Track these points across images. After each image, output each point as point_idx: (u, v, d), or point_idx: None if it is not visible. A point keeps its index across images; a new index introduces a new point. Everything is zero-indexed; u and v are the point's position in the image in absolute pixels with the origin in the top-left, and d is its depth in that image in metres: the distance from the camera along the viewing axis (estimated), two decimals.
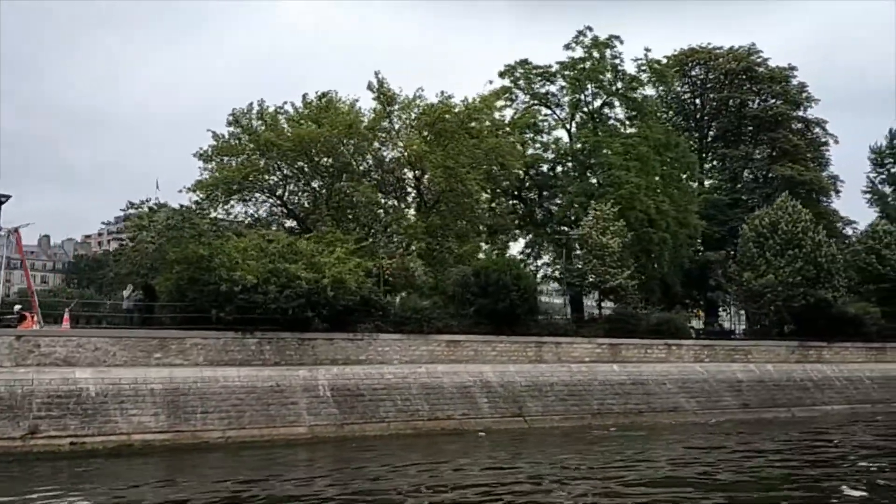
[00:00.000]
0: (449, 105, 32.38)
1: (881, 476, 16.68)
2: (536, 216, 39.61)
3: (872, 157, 62.12)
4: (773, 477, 16.79)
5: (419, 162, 32.12)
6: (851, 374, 33.32)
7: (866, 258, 38.99)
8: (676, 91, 54.44)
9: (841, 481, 15.63)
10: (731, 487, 15.07)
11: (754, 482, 16.01)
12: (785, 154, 49.85)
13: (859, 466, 18.15)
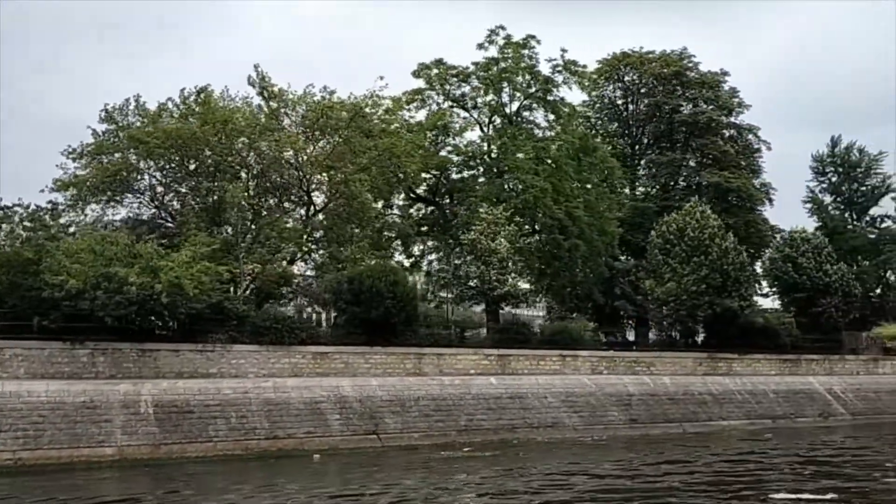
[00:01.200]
0: (333, 102, 30.37)
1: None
2: (443, 221, 37.63)
3: (814, 166, 60.80)
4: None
5: (300, 162, 30.14)
6: (756, 387, 31.51)
7: (782, 266, 37.29)
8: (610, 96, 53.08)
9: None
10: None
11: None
12: (715, 161, 48.29)
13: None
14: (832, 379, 33.95)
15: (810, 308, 36.90)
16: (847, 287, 36.88)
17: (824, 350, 37.15)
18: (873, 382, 34.87)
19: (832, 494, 14.38)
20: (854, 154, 59.04)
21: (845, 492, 14.81)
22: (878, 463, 19.48)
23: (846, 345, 38.80)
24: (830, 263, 37.22)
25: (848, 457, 20.79)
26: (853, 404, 32.61)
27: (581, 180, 40.65)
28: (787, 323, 35.66)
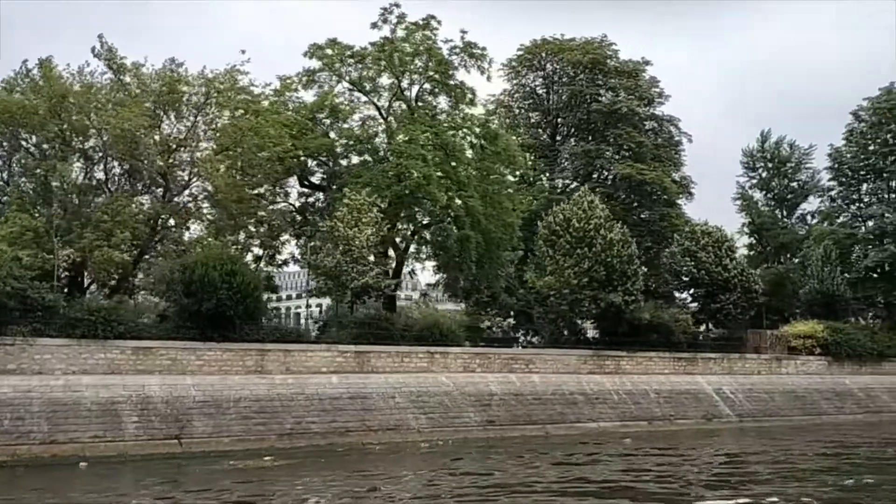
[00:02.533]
0: (180, 75, 27.90)
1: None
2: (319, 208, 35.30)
3: (744, 161, 59.13)
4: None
5: (151, 142, 27.68)
6: (636, 387, 29.47)
7: (681, 261, 35.32)
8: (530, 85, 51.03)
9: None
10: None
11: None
12: (632, 153, 46.40)
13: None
14: (724, 379, 31.99)
15: (710, 304, 35.01)
16: (747, 283, 34.94)
17: (726, 348, 35.30)
18: (769, 383, 32.97)
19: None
20: (784, 149, 57.40)
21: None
22: (683, 479, 17.30)
23: (750, 343, 36.97)
24: (730, 258, 35.28)
25: (667, 468, 18.55)
26: (742, 406, 30.70)
27: (481, 169, 38.54)
28: (681, 320, 33.63)
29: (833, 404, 32.98)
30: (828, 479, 16.76)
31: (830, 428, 30.09)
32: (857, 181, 43.34)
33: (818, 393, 33.23)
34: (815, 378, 34.54)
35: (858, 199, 43.70)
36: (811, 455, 22.38)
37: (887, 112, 41.23)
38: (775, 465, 19.31)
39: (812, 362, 36.71)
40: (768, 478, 17.06)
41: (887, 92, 41.92)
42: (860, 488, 15.58)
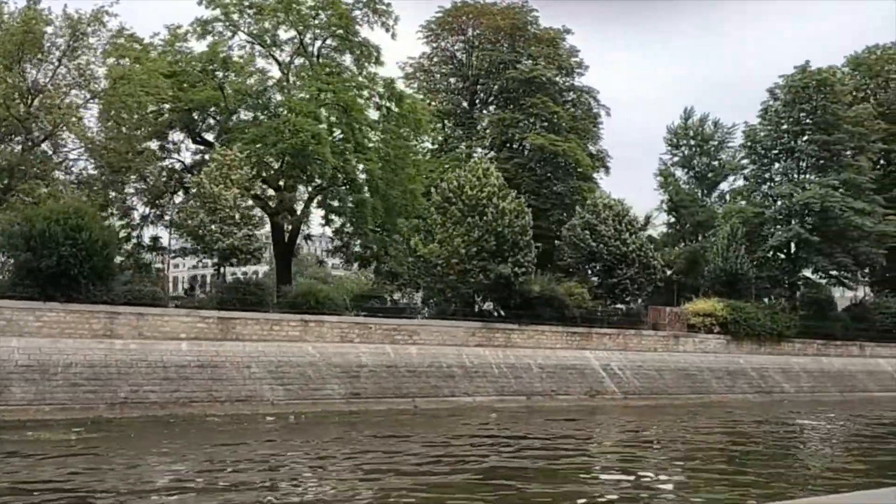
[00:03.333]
0: (38, 14, 25.56)
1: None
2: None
3: (667, 138, 58.51)
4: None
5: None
6: (520, 360, 28.40)
7: (581, 234, 34.27)
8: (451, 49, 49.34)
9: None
10: None
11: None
12: (548, 123, 45.16)
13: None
14: (613, 355, 31.15)
15: (607, 279, 34.13)
16: (646, 258, 34.10)
17: (624, 324, 34.51)
18: (661, 360, 32.25)
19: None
20: (708, 127, 56.95)
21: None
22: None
23: (650, 320, 36.26)
24: (630, 232, 34.35)
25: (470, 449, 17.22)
26: (629, 383, 29.90)
27: (385, 132, 36.94)
28: (576, 294, 32.64)
29: (724, 383, 32.46)
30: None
31: (716, 407, 29.54)
32: (769, 160, 42.76)
33: (710, 372, 32.65)
34: (709, 357, 33.97)
35: (770, 178, 43.16)
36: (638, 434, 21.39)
37: (801, 90, 40.61)
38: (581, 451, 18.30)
39: (710, 340, 36.19)
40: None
41: (802, 70, 41.30)
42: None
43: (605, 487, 13.42)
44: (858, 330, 42.04)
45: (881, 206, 40.90)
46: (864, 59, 49.16)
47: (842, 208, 38.64)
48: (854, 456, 18.43)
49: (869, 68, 48.45)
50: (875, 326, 42.51)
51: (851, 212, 38.67)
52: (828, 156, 41.38)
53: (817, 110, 40.83)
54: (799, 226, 39.04)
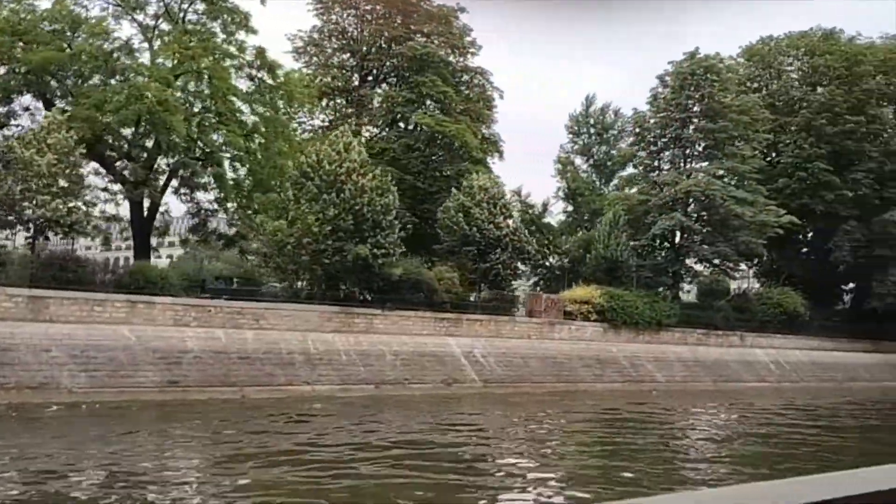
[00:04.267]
0: None
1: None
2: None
3: (568, 126, 57.71)
4: None
5: None
6: (373, 347, 26.64)
7: (454, 217, 32.69)
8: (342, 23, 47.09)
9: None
10: None
11: None
12: (440, 103, 43.47)
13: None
14: (478, 342, 29.69)
15: (480, 263, 32.66)
16: (519, 243, 32.76)
17: (498, 311, 33.13)
18: (530, 348, 30.95)
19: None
20: (609, 116, 56.30)
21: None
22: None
23: (527, 306, 35.03)
24: (505, 216, 32.95)
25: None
26: (491, 371, 28.48)
27: (253, 102, 34.67)
28: (446, 278, 31.06)
29: (592, 372, 31.40)
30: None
31: (581, 396, 28.44)
32: (658, 148, 41.99)
33: (580, 360, 31.54)
34: (581, 344, 32.90)
35: (659, 166, 42.43)
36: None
37: (688, 76, 39.87)
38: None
39: (587, 328, 35.18)
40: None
41: (691, 56, 40.58)
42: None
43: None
44: (740, 320, 41.79)
45: (764, 195, 40.55)
46: (758, 49, 49.02)
47: (723, 197, 38.09)
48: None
49: (762, 59, 48.32)
50: (756, 317, 42.36)
51: (733, 201, 38.16)
52: (713, 144, 40.85)
53: (705, 98, 40.19)
54: (681, 214, 38.34)
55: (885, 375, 43.55)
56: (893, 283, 42.99)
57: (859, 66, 44.75)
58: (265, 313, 26.48)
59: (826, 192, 43.74)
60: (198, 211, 32.89)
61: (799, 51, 47.77)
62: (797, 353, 41.28)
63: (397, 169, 40.76)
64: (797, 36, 48.17)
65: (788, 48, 48.31)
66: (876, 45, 48.17)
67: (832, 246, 44.29)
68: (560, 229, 52.78)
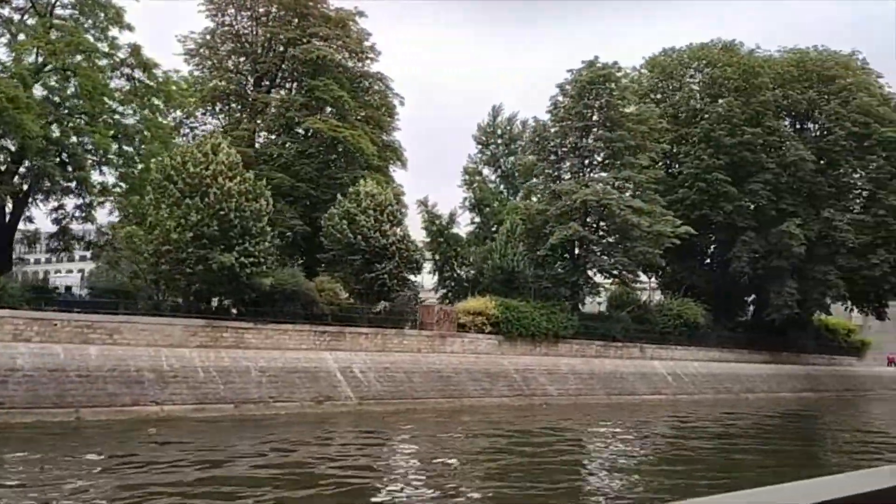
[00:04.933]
0: None
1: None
2: None
3: (476, 136, 56.97)
4: None
5: None
6: (237, 363, 24.81)
7: (338, 224, 31.16)
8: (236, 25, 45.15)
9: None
10: None
11: None
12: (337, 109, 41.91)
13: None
14: (357, 357, 28.16)
15: (365, 273, 31.16)
16: (407, 251, 31.42)
17: (386, 324, 31.68)
18: (415, 362, 29.56)
19: None
20: (517, 126, 55.72)
21: None
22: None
23: (419, 319, 33.67)
24: (393, 224, 31.58)
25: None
26: (369, 387, 26.96)
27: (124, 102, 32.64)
28: (327, 290, 29.48)
29: (481, 386, 30.20)
30: None
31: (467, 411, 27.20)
32: (558, 158, 41.35)
33: (468, 374, 30.31)
34: (470, 357, 31.71)
35: (560, 176, 41.75)
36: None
37: (586, 85, 39.35)
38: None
39: (481, 341, 34.07)
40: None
41: (589, 65, 40.08)
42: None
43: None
44: (640, 332, 41.38)
45: (662, 205, 40.26)
46: (660, 61, 49.12)
47: (620, 207, 37.57)
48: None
49: (663, 70, 48.40)
50: (657, 329, 42.03)
51: (629, 211, 37.67)
52: (613, 154, 40.41)
53: (603, 107, 39.75)
54: (579, 224, 37.64)
55: (782, 387, 43.76)
56: (790, 294, 43.20)
57: (756, 78, 45.12)
58: (120, 327, 24.44)
59: (725, 203, 43.82)
60: (63, 217, 30.50)
61: (700, 62, 48.00)
62: (695, 365, 41.03)
63: (289, 176, 39.12)
64: (698, 47, 48.43)
65: (690, 60, 48.52)
66: (774, 59, 48.81)
67: (731, 257, 44.35)
68: (469, 240, 51.79)
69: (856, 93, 45.82)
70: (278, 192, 38.32)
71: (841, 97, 46.28)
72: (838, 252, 43.90)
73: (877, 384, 52.81)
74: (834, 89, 46.62)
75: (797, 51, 49.32)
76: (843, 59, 48.99)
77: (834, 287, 44.14)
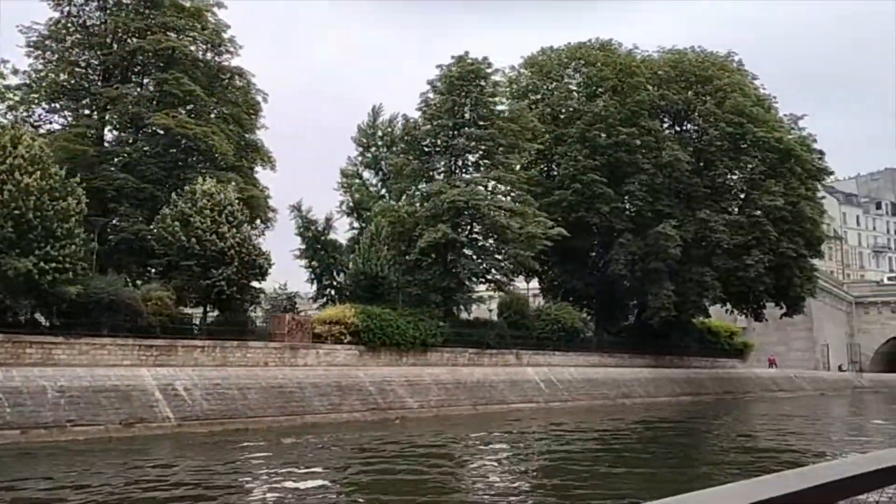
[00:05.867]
0: None
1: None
2: None
3: (357, 138, 54.84)
4: None
5: None
6: (31, 383, 21.64)
7: (171, 226, 28.37)
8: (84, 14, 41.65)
9: None
10: None
11: None
12: (193, 105, 39.04)
13: None
14: (182, 372, 25.39)
15: (199, 280, 28.43)
16: (248, 256, 28.86)
17: (229, 335, 28.98)
18: (252, 377, 26.90)
19: None
20: (398, 127, 53.84)
21: None
22: None
23: (269, 329, 31.13)
24: (232, 225, 28.97)
25: None
26: (195, 406, 24.24)
27: None
28: (154, 299, 26.62)
29: (329, 401, 27.85)
30: None
31: (310, 429, 24.79)
32: (429, 157, 39.54)
33: (315, 388, 27.92)
34: (318, 371, 29.34)
35: (432, 176, 39.94)
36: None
37: (455, 80, 37.72)
38: None
39: (340, 352, 31.79)
40: None
41: (459, 60, 38.48)
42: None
43: None
44: (517, 338, 39.91)
45: (535, 207, 38.94)
46: (537, 59, 48.11)
47: (489, 208, 36.03)
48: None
49: (540, 69, 47.40)
50: (534, 334, 40.66)
51: (500, 212, 36.15)
52: (486, 153, 38.89)
53: (474, 105, 38.19)
54: (448, 227, 35.83)
55: (661, 391, 43.04)
56: (667, 296, 42.56)
57: (632, 77, 44.53)
58: None
59: (602, 205, 42.92)
60: None
61: (578, 62, 47.18)
62: (572, 371, 39.78)
63: (135, 176, 36.00)
64: (576, 46, 47.64)
65: (568, 59, 47.66)
66: (652, 59, 48.49)
67: (609, 259, 43.46)
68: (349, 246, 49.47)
69: (730, 93, 45.80)
70: (121, 194, 35.34)
71: (717, 97, 46.22)
72: (714, 253, 43.58)
73: (756, 386, 53.00)
74: (710, 90, 46.55)
75: (675, 51, 49.19)
76: (720, 60, 49.11)
77: (710, 288, 43.77)
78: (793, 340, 69.93)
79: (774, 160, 45.30)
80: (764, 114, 46.54)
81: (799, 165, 46.26)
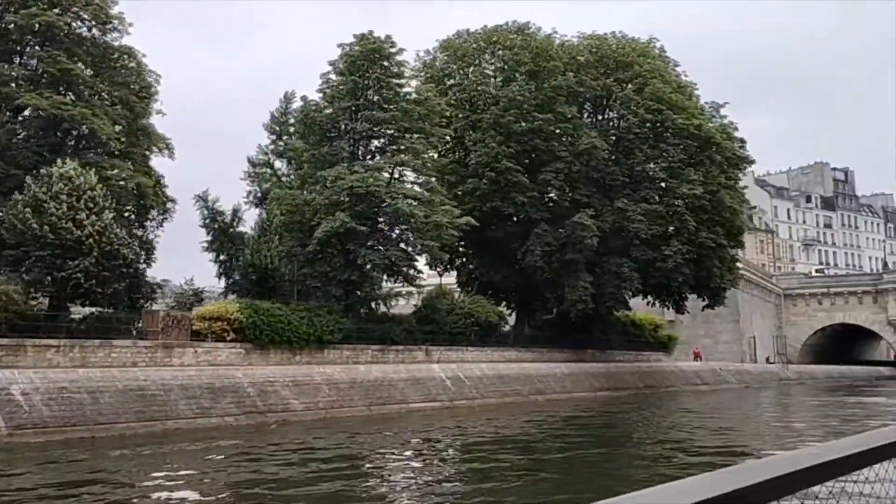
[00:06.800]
0: None
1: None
2: None
3: (268, 125, 51.95)
4: None
5: None
6: None
7: (21, 214, 25.41)
8: None
9: None
10: None
11: None
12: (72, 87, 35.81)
13: None
14: (24, 375, 22.43)
15: (58, 272, 25.51)
16: (109, 246, 26.04)
17: (92, 333, 26.19)
18: (110, 379, 24.06)
19: None
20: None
21: None
22: None
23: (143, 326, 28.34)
24: (92, 212, 26.11)
25: None
26: (31, 413, 21.39)
27: None
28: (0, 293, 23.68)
29: (199, 405, 25.23)
30: None
31: (170, 437, 22.22)
32: (328, 140, 37.03)
33: (183, 390, 25.26)
34: (190, 371, 26.69)
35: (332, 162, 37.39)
36: None
37: (357, 60, 35.33)
38: None
39: (223, 350, 29.19)
40: None
41: (361, 38, 36.08)
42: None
43: None
44: (428, 333, 37.77)
45: (443, 195, 36.79)
46: (453, 42, 45.99)
47: (391, 195, 33.75)
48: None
49: (454, 52, 45.29)
50: (444, 329, 38.55)
51: (402, 199, 33.90)
52: (392, 138, 36.62)
53: (380, 87, 35.84)
54: (346, 215, 33.42)
55: (578, 386, 41.32)
56: (584, 288, 40.85)
57: (549, 62, 42.69)
58: None
59: (517, 194, 40.96)
60: None
61: (495, 46, 45.18)
62: (483, 367, 37.74)
63: (3, 162, 32.75)
64: (492, 30, 45.65)
65: (486, 43, 45.62)
66: (571, 44, 46.79)
67: (526, 251, 41.55)
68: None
69: (650, 79, 44.30)
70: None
71: (636, 84, 44.70)
72: (632, 244, 42.00)
73: (679, 380, 51.77)
74: (630, 76, 45.00)
75: (595, 37, 47.56)
76: (641, 46, 47.66)
77: (629, 280, 42.19)
78: (720, 333, 69.30)
79: (694, 148, 43.97)
80: (685, 101, 45.17)
81: (719, 153, 45.03)
